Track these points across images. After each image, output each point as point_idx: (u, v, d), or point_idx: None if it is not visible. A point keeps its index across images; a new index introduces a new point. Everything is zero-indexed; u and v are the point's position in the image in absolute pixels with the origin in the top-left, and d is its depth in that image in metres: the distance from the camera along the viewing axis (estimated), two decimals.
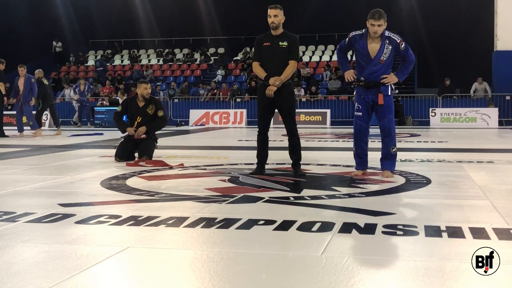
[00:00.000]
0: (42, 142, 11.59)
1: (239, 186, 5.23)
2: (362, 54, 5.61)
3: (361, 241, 3.18)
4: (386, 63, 5.59)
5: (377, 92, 5.61)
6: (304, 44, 25.36)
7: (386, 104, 5.61)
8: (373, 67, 5.57)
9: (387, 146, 5.70)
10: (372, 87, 5.61)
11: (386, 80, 5.58)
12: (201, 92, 21.95)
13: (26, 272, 2.66)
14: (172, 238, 3.34)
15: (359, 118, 5.72)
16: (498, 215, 3.84)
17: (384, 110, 5.63)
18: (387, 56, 5.55)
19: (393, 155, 5.73)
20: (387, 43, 5.54)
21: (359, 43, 5.59)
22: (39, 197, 4.81)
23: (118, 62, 27.44)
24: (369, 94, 5.65)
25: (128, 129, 7.53)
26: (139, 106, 7.60)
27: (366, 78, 5.62)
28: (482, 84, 19.60)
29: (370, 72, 5.59)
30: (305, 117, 18.95)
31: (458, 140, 11.32)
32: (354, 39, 5.64)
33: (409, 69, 5.76)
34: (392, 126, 5.69)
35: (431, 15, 24.72)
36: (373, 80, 5.60)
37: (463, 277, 2.56)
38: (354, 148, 5.85)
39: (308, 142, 10.86)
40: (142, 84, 7.66)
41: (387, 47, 5.54)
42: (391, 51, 5.56)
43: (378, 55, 5.53)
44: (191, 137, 13.87)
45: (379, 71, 5.59)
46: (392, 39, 5.57)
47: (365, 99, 5.68)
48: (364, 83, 5.63)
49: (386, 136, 5.69)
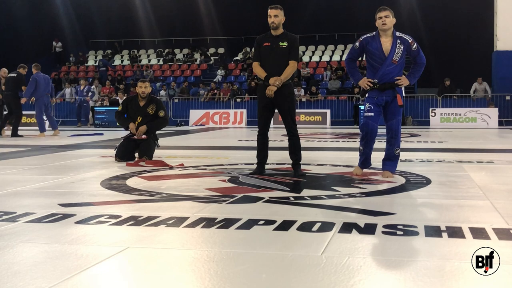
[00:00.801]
0: (42, 142, 11.59)
1: (239, 186, 5.23)
2: (376, 55, 5.56)
3: (361, 241, 3.18)
4: (399, 63, 5.57)
5: (393, 94, 5.60)
6: (304, 44, 25.36)
7: (400, 105, 5.60)
8: (387, 68, 5.54)
9: (392, 147, 5.69)
10: (388, 88, 5.59)
11: (400, 82, 5.57)
12: (201, 92, 21.95)
13: (26, 272, 2.66)
14: (172, 238, 3.34)
15: (370, 119, 5.66)
16: (498, 215, 3.84)
17: (395, 111, 5.63)
18: (400, 56, 5.54)
19: (396, 156, 5.74)
20: (399, 43, 5.53)
21: (372, 44, 5.56)
22: (39, 197, 4.80)
23: (118, 62, 27.45)
24: (383, 96, 5.61)
25: (130, 125, 7.53)
26: (139, 105, 7.60)
27: (380, 79, 5.58)
28: (482, 84, 19.61)
29: (384, 73, 5.55)
30: (305, 117, 18.95)
31: (458, 140, 11.32)
32: (366, 40, 5.60)
33: (420, 72, 5.74)
34: (399, 127, 5.70)
35: (431, 15, 24.73)
36: (388, 81, 5.58)
37: (463, 277, 2.56)
38: (363, 148, 5.77)
39: (308, 142, 10.86)
40: (139, 83, 7.68)
41: (398, 47, 5.53)
42: (403, 51, 5.54)
43: (390, 54, 5.51)
44: (191, 137, 13.87)
45: (393, 72, 5.57)
46: (403, 39, 5.56)
47: (379, 101, 5.63)
48: (379, 85, 5.58)
49: (392, 137, 5.68)
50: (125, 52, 28.30)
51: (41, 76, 13.30)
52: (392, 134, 5.68)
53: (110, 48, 28.60)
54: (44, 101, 13.30)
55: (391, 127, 5.67)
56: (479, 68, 20.90)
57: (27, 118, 19.27)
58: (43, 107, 13.36)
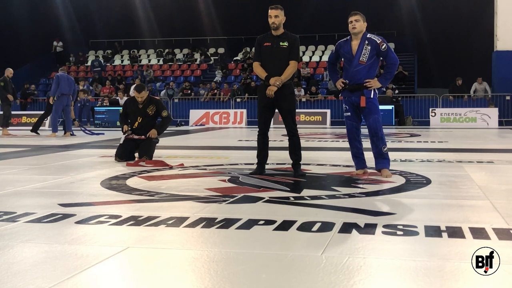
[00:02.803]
0: (42, 142, 11.59)
1: (239, 186, 5.23)
2: (346, 57, 5.78)
3: (361, 241, 3.18)
4: (368, 64, 5.67)
5: (359, 95, 5.70)
6: (304, 44, 25.35)
7: (368, 106, 5.69)
8: (354, 68, 5.68)
9: (377, 146, 5.73)
10: (356, 90, 5.71)
11: (369, 84, 5.67)
12: (201, 92, 21.95)
13: (26, 272, 2.66)
14: (172, 238, 3.34)
15: (348, 118, 5.88)
16: (498, 215, 3.84)
17: (369, 111, 5.71)
18: (367, 56, 5.64)
19: (385, 153, 5.76)
20: (366, 43, 5.65)
21: (344, 48, 5.79)
22: (39, 197, 4.80)
23: (118, 62, 27.44)
24: (352, 96, 5.76)
25: (124, 126, 7.63)
26: (138, 107, 7.62)
27: (350, 80, 5.75)
28: (482, 84, 19.60)
29: (353, 74, 5.69)
30: (305, 117, 18.96)
31: (458, 140, 11.32)
32: (339, 45, 5.87)
33: (392, 73, 5.84)
34: (378, 125, 5.72)
35: (431, 15, 24.72)
36: (356, 82, 5.71)
37: (463, 277, 2.56)
38: (350, 148, 5.95)
39: (308, 142, 10.86)
40: (135, 92, 7.69)
41: (365, 47, 5.64)
42: (370, 51, 5.64)
43: (357, 55, 5.65)
44: (191, 137, 13.87)
45: (361, 72, 5.68)
46: (372, 40, 5.67)
47: (350, 101, 5.81)
48: (348, 86, 5.75)
49: (373, 136, 5.75)
50: (125, 52, 28.28)
51: (65, 76, 13.27)
52: (372, 133, 5.75)
53: (110, 48, 28.58)
54: (63, 101, 13.18)
55: (369, 126, 5.75)
56: (479, 68, 20.89)
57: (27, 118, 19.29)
58: (60, 107, 13.18)
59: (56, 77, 13.14)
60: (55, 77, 13.22)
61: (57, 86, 13.00)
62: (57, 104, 13.11)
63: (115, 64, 27.10)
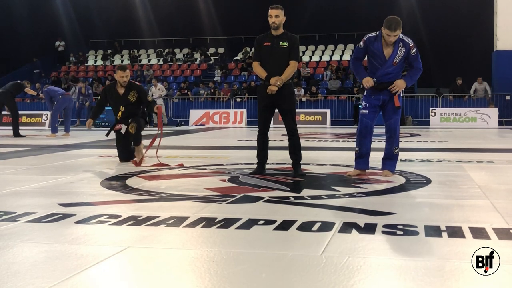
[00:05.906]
0: (42, 142, 11.59)
1: (239, 186, 5.23)
2: (377, 55, 5.66)
3: (361, 241, 3.18)
4: (399, 65, 5.67)
5: (391, 94, 5.68)
6: (304, 44, 25.35)
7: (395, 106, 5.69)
8: (387, 69, 5.65)
9: (391, 146, 5.78)
10: (386, 88, 5.68)
11: (394, 89, 5.64)
12: (201, 92, 21.94)
13: (26, 272, 2.66)
14: (172, 238, 3.34)
15: (365, 116, 5.75)
16: (498, 215, 3.84)
17: (394, 110, 5.72)
18: (400, 58, 5.63)
19: (395, 155, 5.82)
20: (401, 46, 5.62)
21: (374, 45, 5.66)
22: (39, 197, 4.80)
23: (118, 62, 27.43)
24: (380, 95, 5.70)
25: (88, 121, 7.59)
26: (119, 93, 7.34)
27: (379, 79, 5.67)
28: (482, 84, 19.59)
29: (384, 74, 5.65)
30: (305, 117, 18.95)
31: (458, 140, 11.32)
32: (369, 40, 5.69)
33: (416, 77, 5.83)
34: (397, 127, 5.79)
35: (431, 15, 24.73)
36: (386, 81, 5.66)
37: (463, 277, 2.56)
38: (358, 147, 5.82)
39: (308, 142, 10.86)
40: (119, 71, 7.29)
41: (400, 50, 5.61)
42: (404, 53, 5.63)
43: (391, 57, 5.61)
44: (191, 137, 13.87)
45: (392, 72, 5.67)
46: (405, 42, 5.64)
47: (376, 99, 5.72)
48: (378, 84, 5.67)
49: (391, 137, 5.78)
50: (125, 52, 28.29)
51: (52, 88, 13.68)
52: (391, 133, 5.78)
53: (110, 48, 28.59)
54: (65, 102, 13.23)
55: (389, 126, 5.76)
56: (479, 68, 20.89)
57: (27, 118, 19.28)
58: (61, 107, 13.26)
59: (46, 92, 13.36)
60: (45, 92, 13.41)
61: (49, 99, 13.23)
62: (59, 105, 13.16)
63: (115, 64, 27.09)
